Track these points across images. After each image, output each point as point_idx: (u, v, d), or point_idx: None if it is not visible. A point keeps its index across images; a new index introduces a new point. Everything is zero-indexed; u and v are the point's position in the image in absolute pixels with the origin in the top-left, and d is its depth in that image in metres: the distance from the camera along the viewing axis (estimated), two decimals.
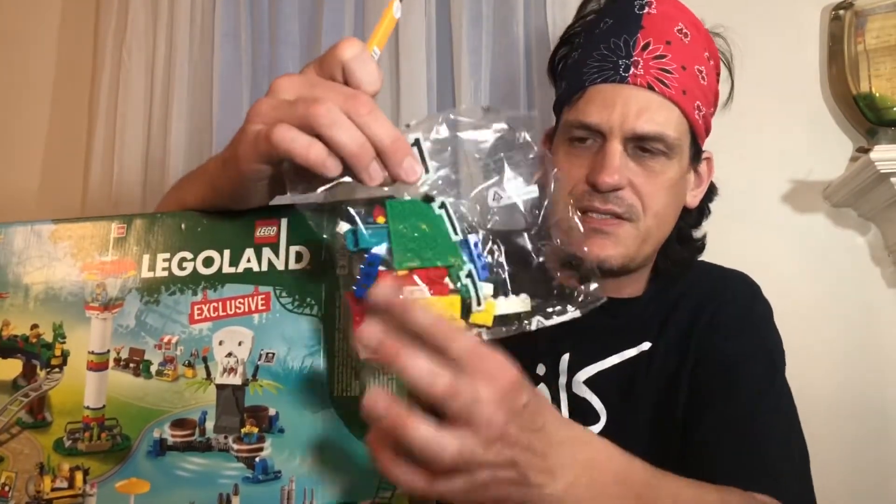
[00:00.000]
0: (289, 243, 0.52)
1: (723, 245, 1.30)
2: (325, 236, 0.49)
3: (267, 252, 0.52)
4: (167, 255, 0.54)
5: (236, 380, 0.50)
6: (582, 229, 0.73)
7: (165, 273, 0.53)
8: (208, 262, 0.53)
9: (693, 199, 0.86)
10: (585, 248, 0.74)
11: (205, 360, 0.51)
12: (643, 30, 0.78)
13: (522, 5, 1.36)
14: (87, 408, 0.52)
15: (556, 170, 0.51)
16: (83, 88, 1.53)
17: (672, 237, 0.84)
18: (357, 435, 0.47)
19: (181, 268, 0.54)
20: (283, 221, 0.53)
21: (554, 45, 1.32)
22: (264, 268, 0.52)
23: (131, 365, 0.52)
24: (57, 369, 0.53)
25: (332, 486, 0.47)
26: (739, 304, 0.84)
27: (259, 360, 0.50)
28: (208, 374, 0.51)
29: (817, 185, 1.35)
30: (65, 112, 1.55)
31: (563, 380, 0.82)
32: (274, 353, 0.50)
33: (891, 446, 1.27)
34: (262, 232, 0.53)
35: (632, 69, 0.76)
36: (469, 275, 0.44)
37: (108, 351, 0.53)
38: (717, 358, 0.79)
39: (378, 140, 0.43)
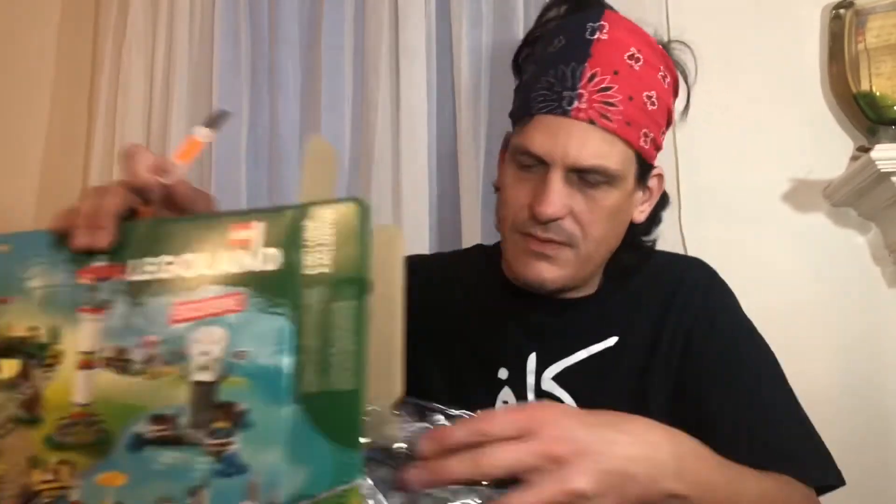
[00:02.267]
0: (262, 245, 0.54)
1: (723, 244, 1.31)
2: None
3: (241, 255, 0.54)
4: (151, 260, 0.57)
5: (210, 377, 0.52)
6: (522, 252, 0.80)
7: (150, 276, 0.56)
8: (188, 265, 0.56)
9: (640, 214, 0.87)
10: (528, 270, 0.80)
11: (182, 358, 0.53)
12: (591, 59, 0.78)
13: (522, 5, 1.36)
14: (76, 404, 0.54)
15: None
16: (83, 88, 1.53)
17: (621, 248, 0.86)
18: (319, 429, 0.49)
19: (164, 271, 0.56)
20: (257, 225, 0.55)
21: None
22: (238, 270, 0.54)
23: (116, 364, 0.55)
24: (51, 368, 0.56)
25: (294, 479, 0.49)
26: (706, 293, 0.87)
27: (232, 358, 0.52)
28: (185, 371, 0.53)
29: (817, 184, 1.35)
30: (65, 112, 1.55)
31: (531, 380, 0.84)
32: (245, 352, 0.52)
33: (891, 446, 1.27)
34: (238, 234, 0.55)
35: (575, 102, 0.77)
36: None
37: (96, 351, 0.55)
38: (706, 353, 0.82)
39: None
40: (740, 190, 1.35)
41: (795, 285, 1.31)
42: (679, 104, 0.92)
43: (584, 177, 0.78)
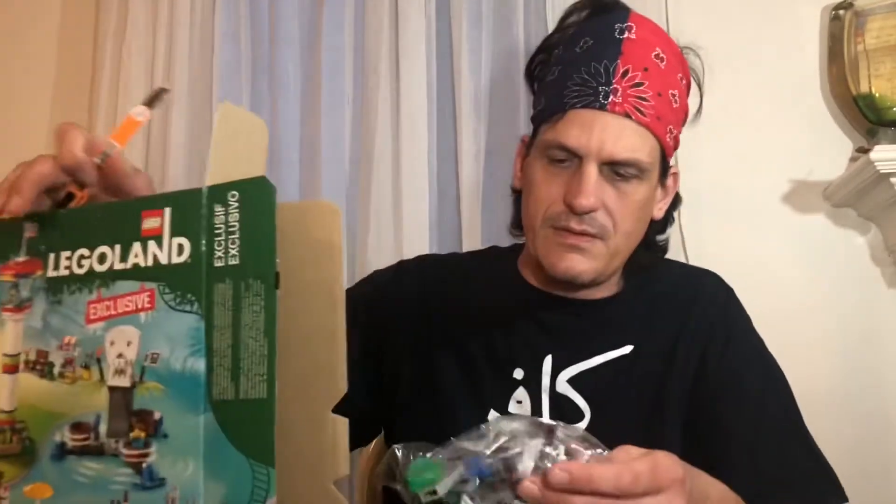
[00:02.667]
0: (171, 235, 0.50)
1: (723, 245, 1.31)
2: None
3: (152, 245, 0.51)
4: (69, 254, 0.54)
5: (125, 381, 0.50)
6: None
7: (67, 272, 0.54)
8: (102, 258, 0.53)
9: (659, 211, 0.89)
10: (562, 263, 0.80)
11: (98, 361, 0.51)
12: (622, 56, 0.81)
13: (522, 5, 1.36)
14: (2, 411, 0.53)
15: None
16: (83, 88, 1.53)
17: (638, 246, 0.88)
18: (231, 440, 0.47)
19: (80, 265, 0.53)
20: (167, 211, 0.51)
21: None
22: (150, 262, 0.51)
23: (38, 367, 0.53)
24: None
25: (211, 494, 0.47)
26: (723, 309, 0.89)
27: (145, 361, 0.50)
28: (102, 375, 0.51)
29: (817, 185, 1.35)
30: (65, 112, 1.55)
31: (546, 381, 0.84)
32: (158, 354, 0.49)
33: (891, 446, 1.27)
34: (148, 223, 0.52)
35: (611, 97, 0.79)
36: None
37: (20, 353, 0.54)
38: (720, 370, 0.84)
39: None
40: (740, 190, 1.35)
41: (795, 285, 1.32)
42: (691, 107, 0.94)
43: (617, 170, 0.79)
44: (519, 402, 0.84)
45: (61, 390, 0.51)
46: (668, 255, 0.96)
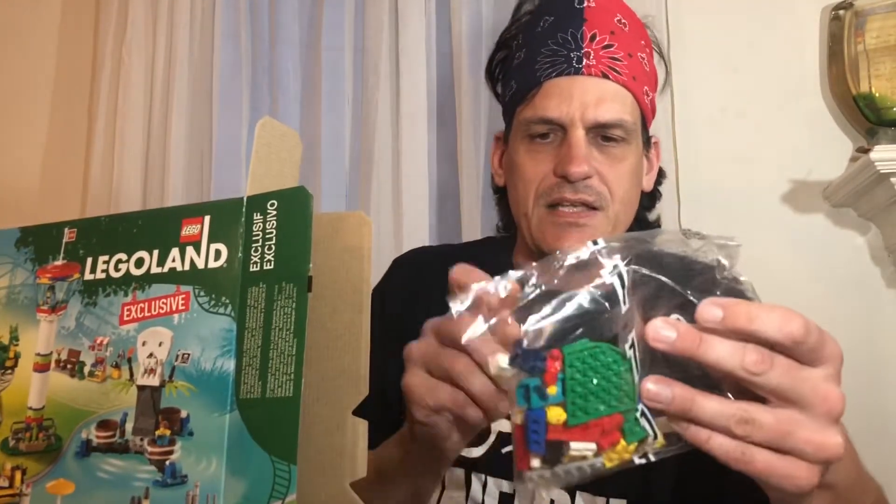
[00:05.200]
0: (209, 241, 0.53)
1: None
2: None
3: (190, 251, 0.53)
4: (106, 258, 0.56)
5: (154, 381, 0.52)
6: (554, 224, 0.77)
7: (104, 275, 0.56)
8: (139, 262, 0.55)
9: (648, 182, 0.88)
10: (560, 243, 0.77)
11: (129, 361, 0.53)
12: (587, 22, 0.80)
13: None
14: (30, 408, 0.54)
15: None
16: (83, 88, 1.53)
17: (632, 223, 0.86)
18: (255, 437, 0.48)
19: (116, 269, 0.55)
20: (206, 218, 0.53)
21: None
22: (186, 267, 0.53)
23: (68, 366, 0.54)
24: (10, 371, 0.56)
25: (232, 491, 0.48)
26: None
27: (176, 360, 0.51)
28: (132, 374, 0.52)
29: (817, 185, 1.35)
30: (65, 112, 1.55)
31: None
32: (189, 354, 0.51)
33: (891, 446, 1.27)
34: (188, 230, 0.54)
35: (584, 60, 0.78)
36: (643, 414, 0.42)
37: (52, 352, 0.55)
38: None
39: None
40: (740, 190, 1.35)
41: (795, 285, 1.31)
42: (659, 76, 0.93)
43: (604, 132, 0.78)
44: None
45: (90, 389, 0.53)
46: None
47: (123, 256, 0.55)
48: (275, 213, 0.51)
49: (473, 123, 1.35)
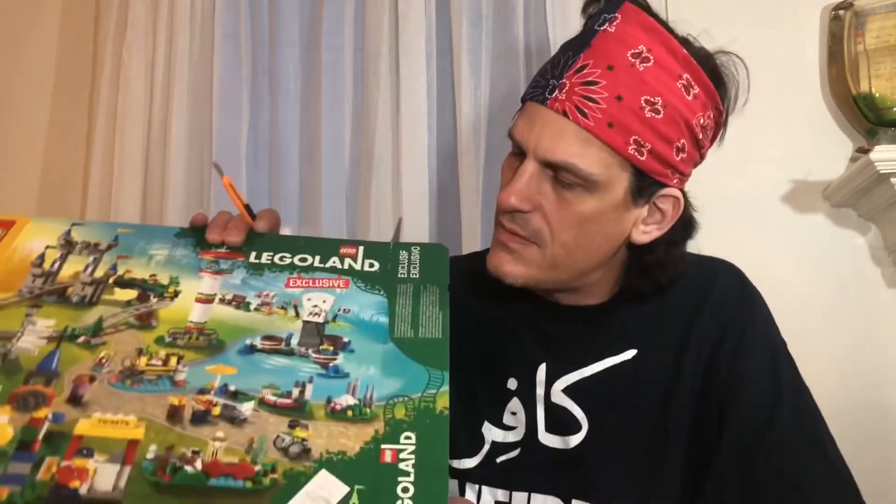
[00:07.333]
0: (364, 257, 0.70)
1: (723, 245, 1.30)
2: None
3: (348, 260, 0.69)
4: (270, 254, 0.69)
5: (319, 319, 0.63)
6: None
7: (269, 262, 0.68)
8: (303, 259, 0.69)
9: (643, 235, 0.77)
10: (491, 259, 0.77)
11: (295, 307, 0.64)
12: (589, 49, 0.72)
13: (522, 5, 1.36)
14: (191, 321, 0.62)
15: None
16: (83, 88, 1.53)
17: (631, 270, 0.80)
18: (411, 358, 0.61)
19: (281, 260, 0.68)
20: (360, 248, 0.71)
21: (553, 45, 1.34)
22: (346, 267, 0.68)
23: (233, 303, 0.64)
24: (170, 299, 0.64)
25: (389, 385, 0.58)
26: (737, 303, 0.80)
27: (338, 311, 0.64)
28: (297, 314, 0.64)
29: (817, 185, 1.35)
30: (65, 112, 1.55)
31: (540, 391, 0.80)
32: (350, 309, 0.64)
33: (891, 446, 1.27)
34: (345, 251, 0.70)
35: (555, 92, 0.71)
36: None
37: (215, 294, 0.65)
38: (733, 369, 0.76)
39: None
40: (740, 190, 1.35)
41: (795, 286, 1.31)
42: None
43: (557, 174, 0.72)
44: (513, 412, 0.80)
45: (256, 318, 0.63)
46: None
47: (287, 255, 0.69)
48: (418, 251, 0.71)
49: (473, 123, 1.35)
